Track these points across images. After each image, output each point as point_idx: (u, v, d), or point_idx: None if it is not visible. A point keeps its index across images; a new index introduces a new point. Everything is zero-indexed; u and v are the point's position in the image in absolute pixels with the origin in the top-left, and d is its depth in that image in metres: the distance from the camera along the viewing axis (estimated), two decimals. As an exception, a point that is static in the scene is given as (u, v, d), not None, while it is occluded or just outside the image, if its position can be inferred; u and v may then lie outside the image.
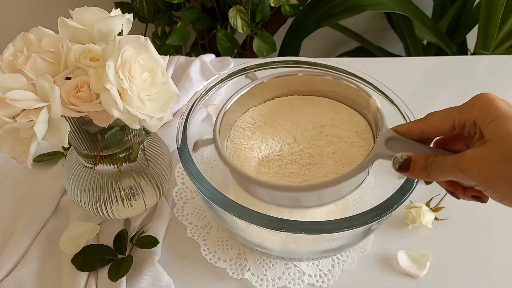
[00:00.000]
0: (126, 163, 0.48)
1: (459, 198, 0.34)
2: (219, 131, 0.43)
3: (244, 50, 1.25)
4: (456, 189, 0.34)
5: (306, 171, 0.41)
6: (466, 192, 0.34)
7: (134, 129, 0.45)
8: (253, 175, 0.40)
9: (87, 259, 0.48)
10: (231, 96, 0.45)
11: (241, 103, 0.46)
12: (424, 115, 0.35)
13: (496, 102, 0.30)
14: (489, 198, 0.32)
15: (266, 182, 0.38)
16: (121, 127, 0.44)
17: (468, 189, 0.33)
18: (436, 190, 0.57)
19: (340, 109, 0.46)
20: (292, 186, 0.38)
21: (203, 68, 0.77)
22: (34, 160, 0.60)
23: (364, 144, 0.42)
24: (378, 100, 0.42)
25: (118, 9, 0.43)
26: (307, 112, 0.46)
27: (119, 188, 0.49)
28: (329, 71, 0.47)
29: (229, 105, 0.45)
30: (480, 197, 0.33)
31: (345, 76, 0.46)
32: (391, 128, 0.37)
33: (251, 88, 0.46)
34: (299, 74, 0.46)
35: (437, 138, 0.36)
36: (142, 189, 0.50)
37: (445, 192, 0.55)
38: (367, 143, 0.42)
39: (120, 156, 0.47)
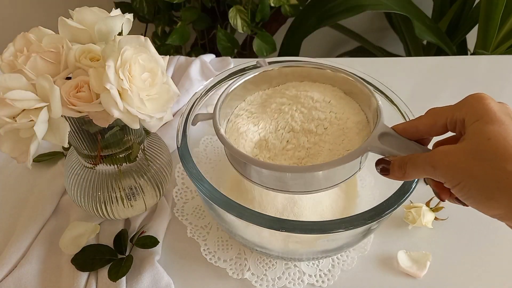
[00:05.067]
0: (126, 163, 0.48)
1: (443, 200, 0.34)
2: (220, 109, 0.42)
3: (244, 50, 1.25)
4: (441, 190, 0.34)
5: (302, 156, 0.40)
6: (451, 194, 0.33)
7: (134, 129, 0.45)
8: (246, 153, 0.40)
9: (87, 259, 0.48)
10: (236, 79, 0.45)
11: (245, 88, 0.46)
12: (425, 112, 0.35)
13: (485, 103, 0.30)
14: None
15: (253, 158, 0.38)
16: (121, 127, 0.44)
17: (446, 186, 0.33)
18: (436, 190, 0.57)
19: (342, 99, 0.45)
20: (275, 165, 0.38)
21: (203, 68, 0.77)
22: (34, 160, 0.60)
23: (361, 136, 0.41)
24: (379, 99, 0.41)
25: (118, 9, 0.43)
26: (309, 94, 0.45)
27: (119, 188, 0.49)
28: (333, 67, 0.47)
29: (233, 87, 0.44)
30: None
31: (349, 73, 0.45)
32: (390, 127, 0.37)
33: (258, 74, 0.46)
34: (307, 66, 0.46)
35: (437, 140, 0.36)
36: (142, 189, 0.50)
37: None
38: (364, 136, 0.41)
39: (120, 156, 0.47)
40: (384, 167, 0.35)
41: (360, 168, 0.40)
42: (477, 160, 0.28)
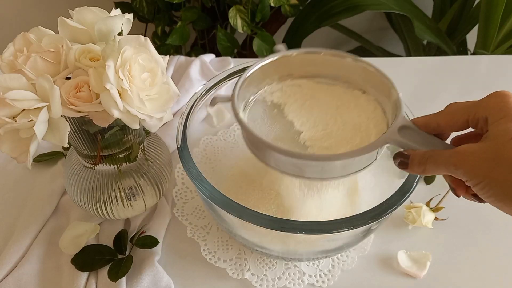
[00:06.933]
0: (126, 163, 0.48)
1: (459, 196, 0.34)
2: (239, 92, 0.41)
3: (244, 50, 1.25)
4: (458, 186, 0.34)
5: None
6: (467, 190, 0.34)
7: (134, 129, 0.45)
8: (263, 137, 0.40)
9: (87, 259, 0.48)
10: (255, 63, 0.44)
11: (263, 73, 0.45)
12: (428, 113, 0.35)
13: (509, 102, 0.30)
14: None
15: (273, 144, 0.37)
16: (121, 127, 0.44)
17: (470, 188, 0.33)
18: (436, 190, 0.57)
19: (360, 102, 0.45)
20: (297, 153, 0.38)
21: (203, 68, 0.77)
22: (34, 160, 0.60)
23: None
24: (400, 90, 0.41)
25: (118, 9, 0.43)
26: (325, 106, 0.45)
27: (119, 188, 0.49)
28: (352, 55, 0.46)
29: (251, 71, 0.43)
30: (479, 197, 0.33)
31: (369, 63, 0.45)
32: (410, 120, 0.37)
33: (274, 60, 0.45)
34: (321, 53, 0.45)
35: (455, 135, 0.36)
36: (142, 189, 0.50)
37: (445, 192, 0.55)
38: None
39: (120, 156, 0.47)
40: (403, 161, 0.35)
41: (376, 159, 0.40)
42: (497, 160, 0.28)
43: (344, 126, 0.42)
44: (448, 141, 0.36)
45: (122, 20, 0.41)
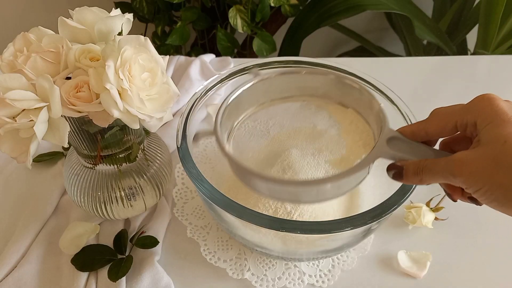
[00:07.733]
0: (126, 163, 0.48)
1: (455, 201, 0.34)
2: (220, 124, 0.41)
3: (244, 50, 1.25)
4: (454, 191, 0.34)
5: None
6: (463, 194, 0.34)
7: (134, 129, 0.45)
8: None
9: (87, 259, 0.48)
10: (234, 89, 0.44)
11: (243, 99, 0.45)
12: (429, 114, 0.35)
13: (496, 104, 0.30)
14: None
15: (266, 175, 0.37)
16: (121, 127, 0.44)
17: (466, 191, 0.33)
18: (436, 190, 0.57)
19: (343, 117, 0.45)
20: (291, 181, 0.38)
21: (203, 68, 0.77)
22: (34, 160, 0.60)
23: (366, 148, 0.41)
24: (381, 101, 0.41)
25: (118, 9, 0.43)
26: (309, 128, 0.45)
27: (119, 188, 0.49)
28: (331, 70, 0.46)
29: (231, 98, 0.43)
30: (476, 199, 0.33)
31: (347, 75, 0.45)
32: (396, 130, 0.37)
33: (254, 83, 0.44)
34: (303, 72, 0.45)
35: (443, 138, 0.36)
36: (142, 189, 0.50)
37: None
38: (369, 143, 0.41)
39: (120, 156, 0.47)
40: (397, 173, 0.35)
41: (368, 173, 0.40)
42: (498, 165, 0.28)
43: (330, 141, 0.42)
44: (436, 146, 0.36)
45: (122, 20, 0.41)
